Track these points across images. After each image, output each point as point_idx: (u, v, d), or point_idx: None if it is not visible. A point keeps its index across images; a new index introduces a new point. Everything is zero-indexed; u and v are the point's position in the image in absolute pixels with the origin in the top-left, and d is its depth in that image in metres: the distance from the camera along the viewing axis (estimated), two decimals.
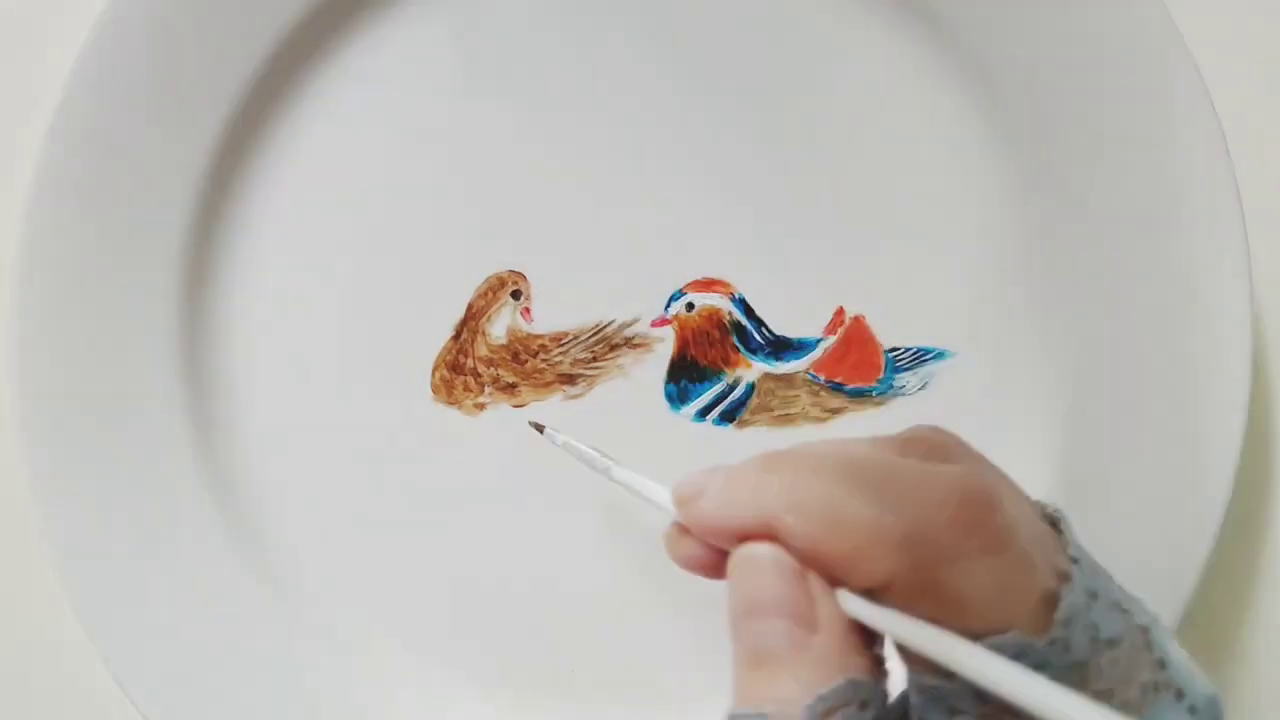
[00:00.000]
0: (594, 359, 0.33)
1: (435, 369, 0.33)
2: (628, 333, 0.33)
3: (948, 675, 0.19)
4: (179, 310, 0.32)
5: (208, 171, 0.32)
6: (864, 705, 0.18)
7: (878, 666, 0.20)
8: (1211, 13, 0.32)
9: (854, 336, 0.33)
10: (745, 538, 0.20)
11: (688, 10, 0.31)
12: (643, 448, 0.33)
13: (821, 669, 0.19)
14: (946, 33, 0.31)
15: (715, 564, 0.21)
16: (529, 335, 0.33)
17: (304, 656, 0.33)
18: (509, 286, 0.33)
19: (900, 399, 0.33)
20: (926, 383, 0.33)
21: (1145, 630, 0.20)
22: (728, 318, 0.33)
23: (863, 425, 0.33)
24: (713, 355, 0.33)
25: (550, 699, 0.33)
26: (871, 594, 0.19)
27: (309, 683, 0.33)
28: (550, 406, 0.33)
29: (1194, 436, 0.30)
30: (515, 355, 0.33)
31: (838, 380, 0.33)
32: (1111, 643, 0.20)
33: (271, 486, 0.33)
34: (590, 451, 0.28)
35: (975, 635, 0.19)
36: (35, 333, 0.31)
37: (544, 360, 0.33)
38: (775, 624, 0.19)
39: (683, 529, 0.22)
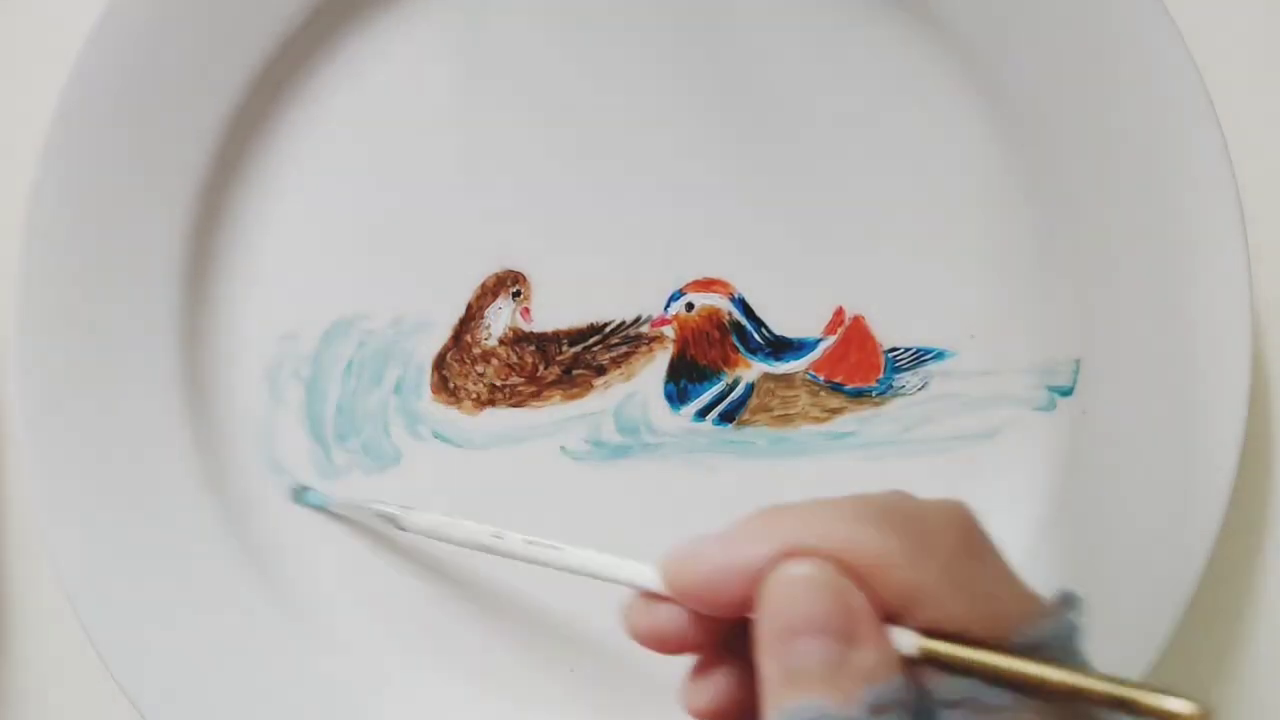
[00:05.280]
0: (595, 359, 0.33)
1: (434, 368, 0.33)
2: (631, 333, 0.33)
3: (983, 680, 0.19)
4: (180, 308, 0.32)
5: (208, 171, 0.31)
6: (906, 710, 0.19)
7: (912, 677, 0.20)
8: (1211, 13, 0.32)
9: (853, 336, 0.33)
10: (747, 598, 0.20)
11: (688, 10, 0.31)
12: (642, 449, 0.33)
13: (864, 679, 0.19)
14: (947, 32, 0.31)
15: (690, 634, 0.21)
16: (529, 335, 0.33)
17: (302, 656, 0.33)
18: (509, 286, 0.33)
19: (900, 399, 0.33)
20: (926, 383, 0.33)
21: None
22: (727, 318, 0.33)
23: (862, 425, 0.33)
24: (712, 355, 0.33)
25: (550, 699, 0.33)
26: (895, 619, 0.19)
27: (305, 682, 0.33)
28: (550, 406, 0.33)
29: (1194, 436, 0.30)
30: (515, 355, 0.33)
31: (837, 380, 0.33)
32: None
33: (272, 490, 0.33)
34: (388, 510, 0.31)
35: (1007, 633, 0.19)
36: (36, 340, 0.31)
37: (543, 360, 0.33)
38: (816, 643, 0.19)
39: (654, 597, 0.21)
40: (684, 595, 0.21)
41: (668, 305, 0.33)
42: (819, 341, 0.33)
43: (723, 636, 0.21)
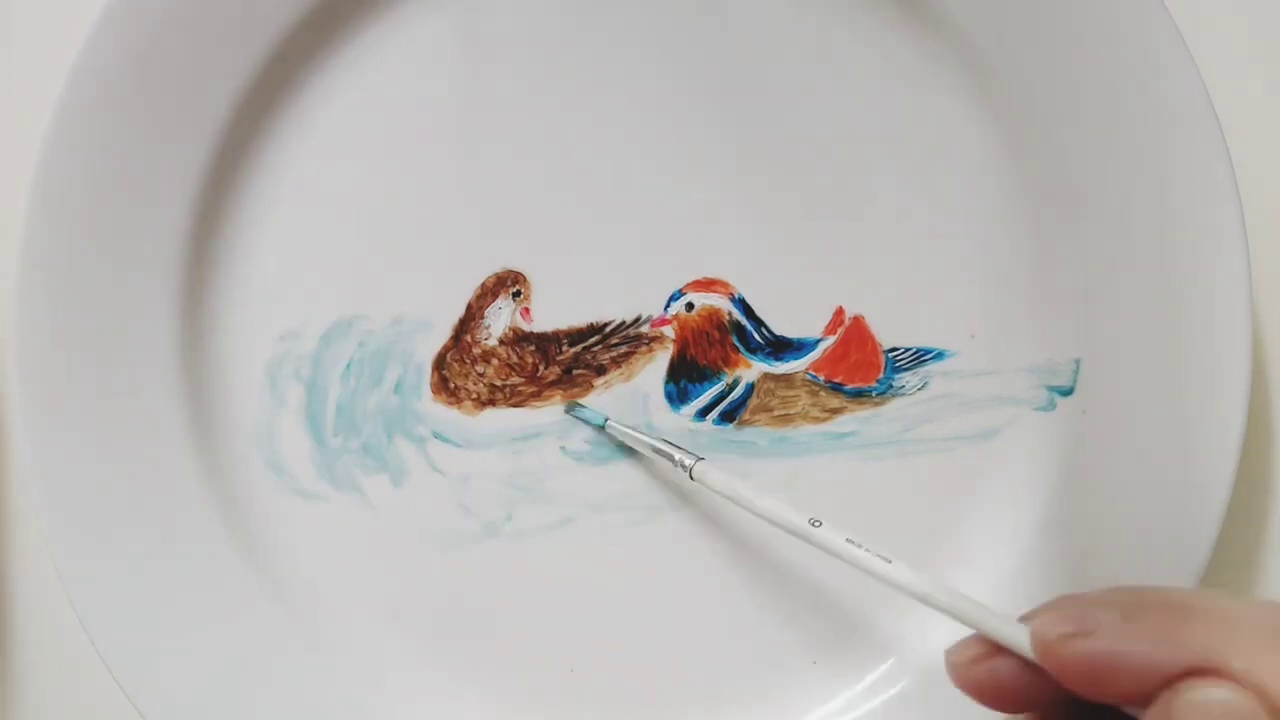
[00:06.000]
0: (595, 359, 0.33)
1: (435, 368, 0.33)
2: (631, 333, 0.33)
3: None
4: (180, 308, 0.32)
5: (207, 170, 0.31)
6: None
7: None
8: (1211, 13, 0.32)
9: (853, 336, 0.33)
10: (1141, 693, 0.18)
11: (689, 11, 0.31)
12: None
13: None
14: (947, 33, 0.31)
15: (1033, 695, 0.19)
16: (529, 335, 0.33)
17: (302, 656, 0.33)
18: (509, 286, 0.33)
19: (900, 399, 0.33)
20: (926, 383, 0.33)
21: None
22: (727, 318, 0.33)
23: (862, 425, 0.33)
24: (712, 355, 0.33)
25: (550, 699, 0.33)
26: None
27: (305, 681, 0.33)
28: (550, 406, 0.33)
29: (1194, 436, 0.30)
30: (515, 355, 0.33)
31: (837, 380, 0.33)
32: None
33: (272, 490, 0.33)
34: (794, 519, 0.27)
35: None
36: (36, 340, 0.31)
37: (544, 360, 0.33)
38: None
39: (990, 649, 0.20)
40: (1059, 668, 0.19)
41: (668, 305, 0.33)
42: (819, 341, 0.33)
43: (1061, 703, 0.19)
